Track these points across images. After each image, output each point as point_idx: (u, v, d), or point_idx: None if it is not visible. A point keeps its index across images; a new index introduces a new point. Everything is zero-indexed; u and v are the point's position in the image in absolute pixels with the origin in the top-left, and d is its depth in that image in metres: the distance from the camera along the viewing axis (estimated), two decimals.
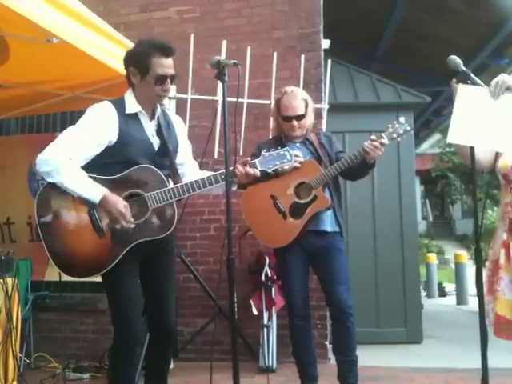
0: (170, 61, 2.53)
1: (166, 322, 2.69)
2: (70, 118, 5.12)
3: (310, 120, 3.34)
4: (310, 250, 3.20)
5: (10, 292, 3.29)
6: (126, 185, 2.49)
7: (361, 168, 3.16)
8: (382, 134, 3.02)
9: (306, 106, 3.29)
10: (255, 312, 4.31)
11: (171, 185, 2.57)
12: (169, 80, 2.54)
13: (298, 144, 3.31)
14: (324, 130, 4.66)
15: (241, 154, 4.22)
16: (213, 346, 3.60)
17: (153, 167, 2.52)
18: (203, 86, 4.48)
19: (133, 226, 2.45)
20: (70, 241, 2.48)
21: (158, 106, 2.67)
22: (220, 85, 2.69)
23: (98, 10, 3.82)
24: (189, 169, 2.79)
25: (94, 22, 3.08)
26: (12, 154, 5.11)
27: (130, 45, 3.42)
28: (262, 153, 2.64)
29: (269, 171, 2.66)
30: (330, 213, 3.23)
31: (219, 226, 4.78)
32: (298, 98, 3.29)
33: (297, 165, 2.85)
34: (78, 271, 2.54)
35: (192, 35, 4.39)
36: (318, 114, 4.63)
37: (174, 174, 2.65)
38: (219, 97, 4.09)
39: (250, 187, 3.11)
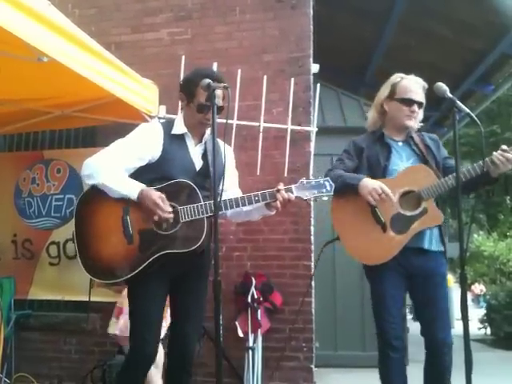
0: (216, 91, 2.46)
1: (183, 349, 2.63)
2: (58, 136, 5.12)
3: (420, 117, 2.96)
4: (408, 270, 2.76)
5: None
6: None
7: (482, 182, 2.69)
8: None
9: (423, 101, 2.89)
10: (240, 334, 4.27)
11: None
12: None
13: (400, 143, 2.94)
14: (312, 152, 4.68)
15: None
16: (197, 368, 3.56)
17: (189, 182, 2.54)
18: None
19: (171, 216, 2.46)
20: (98, 244, 2.54)
21: (207, 131, 2.70)
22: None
23: (90, 29, 3.82)
24: (231, 196, 2.67)
25: (85, 42, 3.09)
26: None
27: (121, 65, 3.45)
28: (300, 180, 2.55)
29: (305, 199, 2.56)
30: (434, 228, 2.79)
31: None
32: (421, 86, 2.90)
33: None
34: (102, 274, 2.56)
35: (183, 57, 4.43)
36: (306, 137, 4.67)
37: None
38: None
39: None
